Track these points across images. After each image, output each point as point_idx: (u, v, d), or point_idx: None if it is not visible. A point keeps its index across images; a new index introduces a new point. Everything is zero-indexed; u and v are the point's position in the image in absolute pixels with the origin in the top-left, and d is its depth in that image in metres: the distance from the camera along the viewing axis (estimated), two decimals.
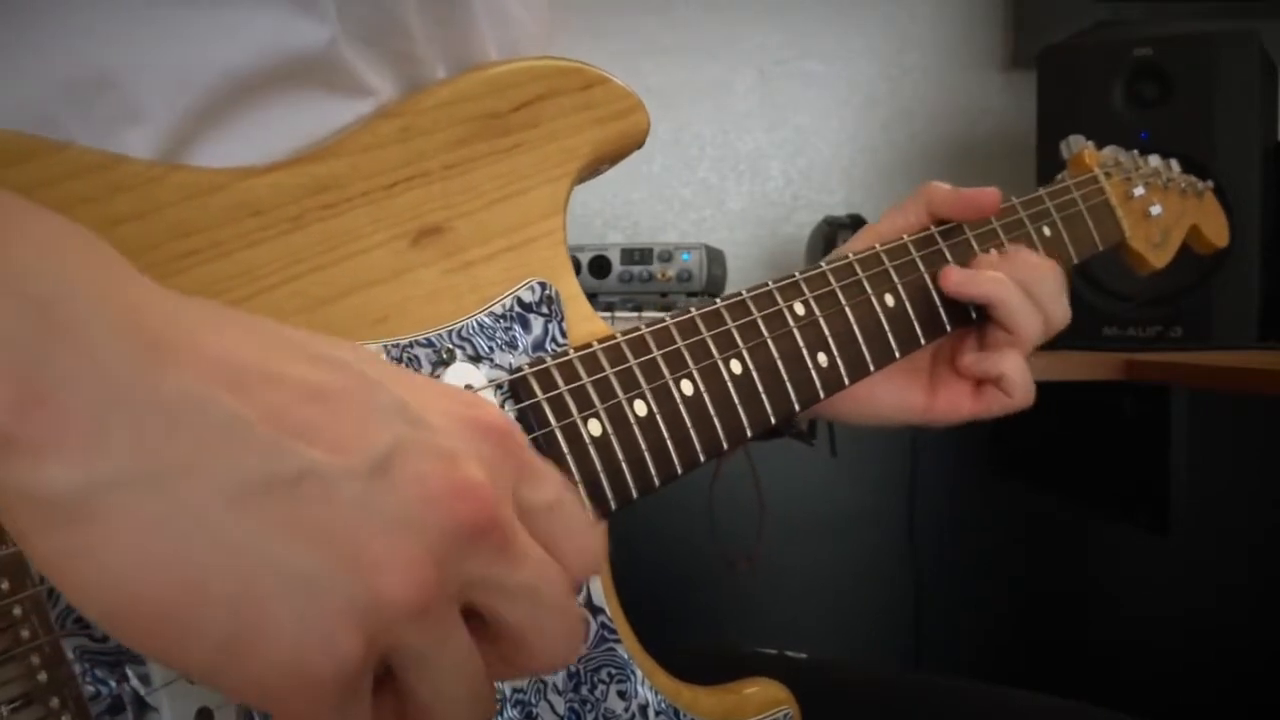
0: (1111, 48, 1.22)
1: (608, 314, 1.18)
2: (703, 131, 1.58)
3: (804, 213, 1.57)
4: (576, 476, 0.43)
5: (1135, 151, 0.75)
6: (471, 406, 0.31)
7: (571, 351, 0.45)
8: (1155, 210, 0.72)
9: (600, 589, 0.46)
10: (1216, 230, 0.81)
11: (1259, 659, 1.44)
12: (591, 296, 1.26)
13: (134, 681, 0.32)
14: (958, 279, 0.57)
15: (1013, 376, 0.57)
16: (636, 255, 1.29)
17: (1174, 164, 0.77)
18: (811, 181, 1.59)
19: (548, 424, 0.43)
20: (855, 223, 1.36)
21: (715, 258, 1.34)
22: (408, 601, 0.27)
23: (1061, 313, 0.59)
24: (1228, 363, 0.97)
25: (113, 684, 0.31)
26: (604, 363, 0.45)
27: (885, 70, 1.57)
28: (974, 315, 0.59)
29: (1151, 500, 1.20)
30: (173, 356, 0.25)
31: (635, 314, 1.19)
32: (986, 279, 0.56)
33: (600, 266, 1.29)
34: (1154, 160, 0.75)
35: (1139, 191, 0.71)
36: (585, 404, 0.44)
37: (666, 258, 1.29)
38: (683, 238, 1.56)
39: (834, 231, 1.34)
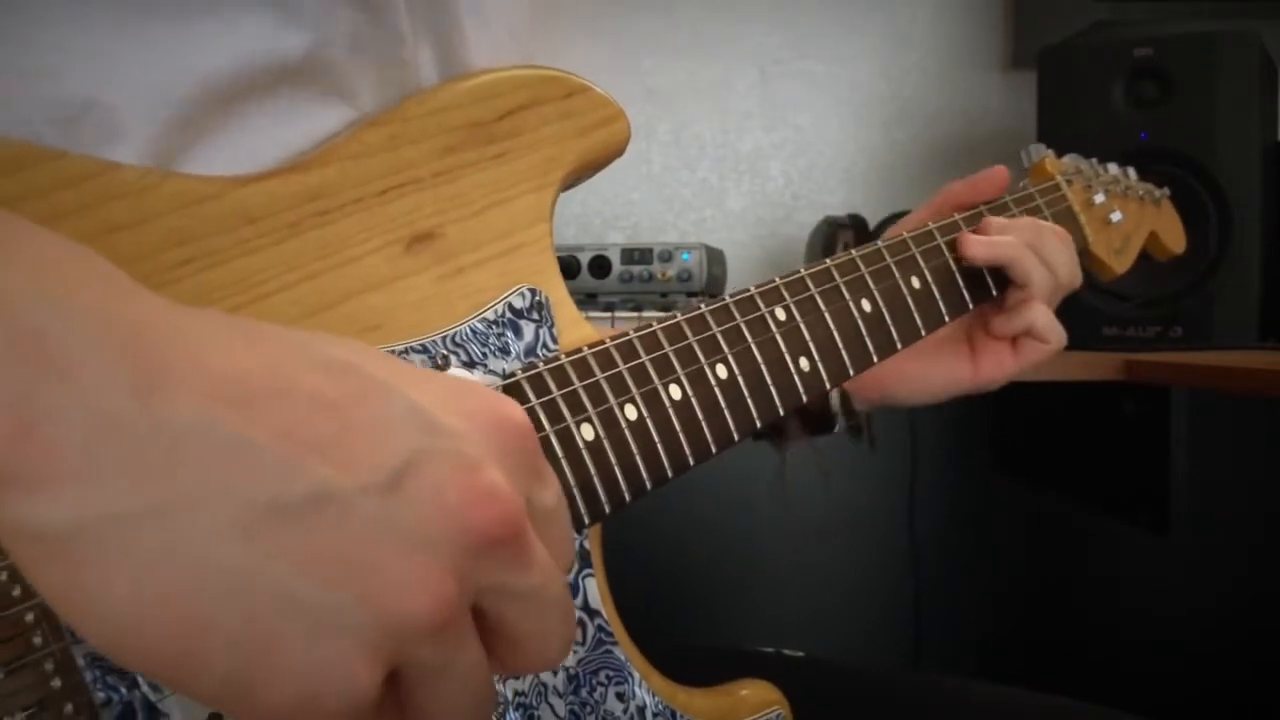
0: (1111, 48, 1.22)
1: (607, 314, 1.18)
2: (703, 131, 1.58)
3: (804, 213, 1.57)
4: (571, 480, 0.43)
5: (1094, 159, 0.76)
6: (492, 402, 0.30)
7: (563, 356, 0.45)
8: (1116, 217, 0.73)
9: (596, 592, 0.46)
10: (1174, 237, 0.82)
11: (1259, 658, 1.44)
12: (591, 296, 1.27)
13: (144, 688, 0.31)
14: (980, 243, 0.61)
15: (1041, 323, 0.63)
16: (636, 255, 1.29)
17: (1131, 172, 0.78)
18: (811, 181, 1.58)
19: (542, 428, 0.43)
20: (855, 223, 1.35)
21: (715, 258, 1.34)
22: (428, 621, 0.26)
23: (1069, 272, 0.64)
24: (1228, 363, 0.96)
25: (123, 690, 0.31)
26: (594, 367, 0.45)
27: (885, 70, 1.57)
28: (994, 292, 0.63)
29: (1151, 500, 1.19)
30: (174, 380, 0.24)
31: (635, 314, 1.19)
32: (1002, 243, 0.61)
33: (600, 266, 1.28)
34: (1113, 168, 0.77)
35: (1099, 199, 0.72)
36: (578, 408, 0.44)
37: (666, 258, 1.29)
38: (683, 238, 1.56)
39: (834, 231, 1.34)
